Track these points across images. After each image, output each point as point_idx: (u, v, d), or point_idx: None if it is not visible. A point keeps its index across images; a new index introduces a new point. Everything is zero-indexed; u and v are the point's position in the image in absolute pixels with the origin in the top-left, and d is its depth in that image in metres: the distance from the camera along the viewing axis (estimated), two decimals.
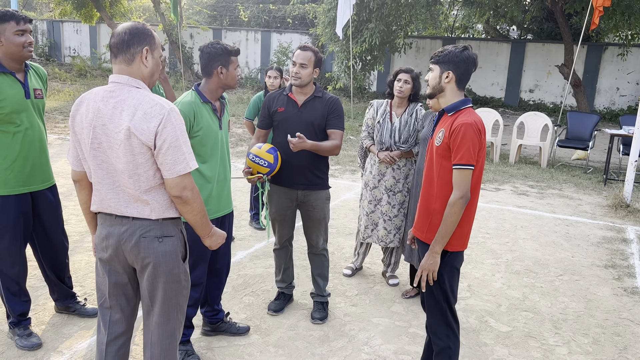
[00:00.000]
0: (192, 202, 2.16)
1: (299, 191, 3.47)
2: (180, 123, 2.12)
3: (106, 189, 2.16)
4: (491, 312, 3.90)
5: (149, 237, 2.17)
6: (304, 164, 3.41)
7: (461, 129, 2.40)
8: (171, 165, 2.08)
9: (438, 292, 2.60)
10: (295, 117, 3.41)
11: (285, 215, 3.56)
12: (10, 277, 3.09)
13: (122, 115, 2.06)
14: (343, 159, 8.91)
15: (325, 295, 3.74)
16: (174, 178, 2.10)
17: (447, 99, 2.54)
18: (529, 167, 8.99)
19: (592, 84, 16.43)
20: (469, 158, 2.40)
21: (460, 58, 2.50)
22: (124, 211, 2.15)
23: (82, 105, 2.15)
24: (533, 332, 3.63)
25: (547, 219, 6.28)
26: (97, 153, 2.13)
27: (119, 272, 2.25)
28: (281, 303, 3.77)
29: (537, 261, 4.93)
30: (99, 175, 2.16)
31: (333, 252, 4.91)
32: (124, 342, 2.34)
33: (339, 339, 3.40)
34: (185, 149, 2.11)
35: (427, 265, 2.50)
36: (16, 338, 3.09)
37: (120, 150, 2.08)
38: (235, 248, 4.87)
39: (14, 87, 2.93)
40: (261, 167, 3.28)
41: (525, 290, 4.30)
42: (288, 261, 3.74)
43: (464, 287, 4.28)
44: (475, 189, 2.52)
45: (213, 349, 3.20)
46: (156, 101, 2.09)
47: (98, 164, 2.14)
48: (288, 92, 3.48)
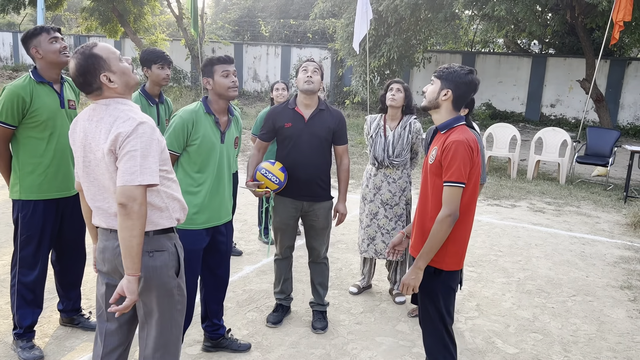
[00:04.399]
0: (135, 218, 2.02)
1: (305, 202, 3.56)
2: (147, 137, 2.09)
3: (97, 206, 2.21)
4: (499, 332, 3.81)
5: None
6: (310, 177, 3.52)
7: (452, 147, 2.40)
8: (122, 173, 2.04)
9: (434, 312, 2.55)
10: (304, 133, 3.48)
11: (289, 225, 3.65)
12: (28, 286, 3.14)
13: (101, 133, 2.12)
14: (357, 173, 8.88)
15: (325, 304, 3.80)
16: (123, 186, 2.03)
17: (441, 116, 2.54)
18: (547, 184, 8.84)
19: (616, 99, 16.14)
20: (459, 175, 2.38)
21: (463, 80, 2.49)
22: (115, 225, 2.17)
23: (77, 124, 2.23)
24: (541, 355, 3.53)
25: (563, 237, 6.14)
26: (88, 170, 2.18)
27: (115, 285, 2.26)
28: (280, 315, 3.78)
29: (549, 280, 4.82)
30: (91, 192, 2.21)
31: (341, 268, 4.87)
32: (119, 355, 2.35)
33: (341, 358, 3.36)
34: (141, 161, 2.04)
35: (408, 280, 2.49)
36: (19, 350, 3.12)
37: (103, 167, 2.13)
38: (243, 262, 4.87)
39: (50, 96, 3.08)
40: (272, 184, 3.40)
41: (536, 310, 4.20)
42: (288, 272, 3.78)
43: (472, 307, 4.20)
44: (470, 207, 2.49)
45: None
46: (129, 115, 2.11)
47: (90, 182, 2.20)
48: (294, 107, 3.53)
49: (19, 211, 3.08)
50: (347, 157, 3.68)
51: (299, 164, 3.47)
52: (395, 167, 4.08)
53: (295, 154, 3.48)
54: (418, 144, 4.13)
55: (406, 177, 4.13)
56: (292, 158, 3.48)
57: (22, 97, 2.96)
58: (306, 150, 3.48)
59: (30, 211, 3.07)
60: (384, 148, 4.04)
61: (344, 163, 3.68)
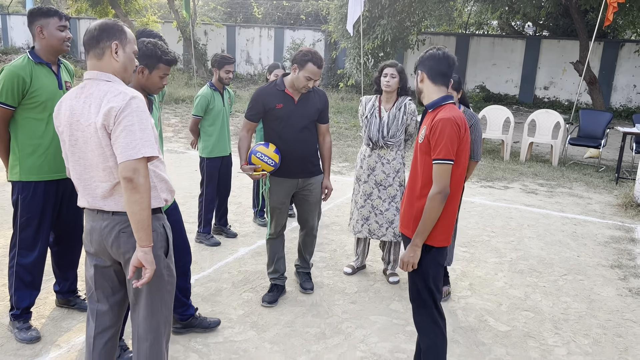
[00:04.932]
0: (142, 190, 2.06)
1: (299, 179, 3.72)
2: (141, 111, 2.11)
3: (83, 186, 2.21)
4: (491, 311, 3.87)
5: (128, 232, 2.19)
6: (303, 155, 3.69)
7: (439, 124, 2.44)
8: (123, 148, 2.05)
9: (424, 289, 2.60)
10: (294, 113, 3.61)
11: (284, 204, 3.78)
12: (26, 268, 3.15)
13: (91, 108, 2.11)
14: (352, 156, 8.89)
15: (310, 266, 4.12)
16: (125, 161, 2.04)
17: (428, 97, 2.60)
18: (540, 165, 8.89)
19: (609, 81, 16.18)
20: (446, 153, 2.43)
21: (426, 57, 2.61)
22: (102, 206, 2.18)
23: (62, 105, 2.22)
24: (532, 332, 3.59)
25: (555, 217, 6.20)
26: (74, 150, 2.17)
27: (106, 265, 2.28)
28: (275, 295, 3.84)
29: (541, 260, 4.88)
30: (77, 172, 2.20)
31: (335, 249, 4.91)
32: (111, 335, 2.37)
33: (335, 336, 3.40)
34: (140, 134, 2.07)
35: (407, 258, 2.55)
36: (15, 331, 3.14)
37: (92, 143, 2.12)
38: (238, 244, 4.90)
39: (49, 78, 3.07)
40: (267, 166, 3.51)
41: (528, 289, 4.26)
42: (281, 250, 3.91)
43: (464, 286, 4.26)
44: (458, 185, 2.54)
45: (209, 345, 3.22)
46: (120, 90, 2.12)
47: (76, 160, 2.19)
48: (283, 88, 3.62)
49: (19, 193, 3.07)
50: (329, 135, 3.88)
51: (292, 144, 3.61)
52: (389, 148, 4.09)
53: (287, 134, 3.60)
54: (413, 125, 4.13)
55: (400, 158, 4.14)
56: (285, 138, 3.61)
57: (22, 78, 2.94)
58: (297, 130, 3.61)
59: (30, 193, 3.06)
60: (379, 129, 4.05)
61: (327, 141, 3.84)
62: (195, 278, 4.14)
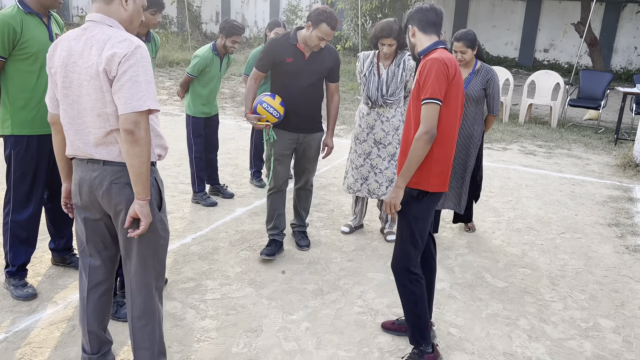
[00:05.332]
0: (143, 144, 2.02)
1: (300, 134, 3.74)
2: (146, 62, 2.06)
3: (74, 131, 2.13)
4: (488, 268, 3.87)
5: (120, 184, 2.14)
6: (307, 111, 3.70)
7: (427, 64, 2.44)
8: (127, 99, 1.99)
9: (408, 234, 2.61)
10: (304, 69, 3.60)
11: (284, 156, 3.79)
12: (21, 225, 3.10)
13: (92, 50, 2.03)
14: (349, 119, 8.80)
15: (306, 225, 4.17)
16: (128, 113, 1.99)
17: (420, 47, 2.62)
18: (539, 127, 8.82)
19: (610, 42, 15.96)
20: (433, 92, 2.40)
21: (413, 12, 2.64)
22: (93, 153, 2.11)
23: (58, 46, 2.12)
24: (529, 288, 3.60)
25: (553, 178, 6.18)
26: (68, 92, 2.09)
27: (95, 219, 2.23)
28: (273, 249, 3.85)
29: (539, 219, 4.87)
30: (69, 116, 2.12)
31: (332, 209, 4.89)
32: (105, 290, 2.34)
33: (333, 292, 3.40)
34: (145, 86, 2.02)
35: (389, 199, 2.55)
36: (11, 288, 3.12)
37: (90, 88, 2.04)
38: (235, 204, 4.87)
39: (39, 29, 2.96)
40: (272, 117, 3.55)
41: (525, 247, 4.26)
42: (282, 207, 3.89)
43: (462, 244, 4.25)
44: (450, 128, 2.52)
45: (206, 301, 3.22)
46: (125, 37, 2.05)
47: (69, 104, 2.10)
48: (295, 43, 3.59)
49: (12, 147, 3.00)
50: (338, 94, 3.86)
51: (298, 99, 3.61)
52: (388, 105, 4.01)
53: (293, 89, 3.60)
54: (412, 81, 4.04)
55: (400, 115, 4.06)
56: (291, 93, 3.61)
57: (12, 27, 2.83)
58: (304, 86, 3.61)
59: (23, 147, 2.99)
60: (378, 87, 3.96)
61: (335, 100, 3.85)
62: (192, 237, 4.12)
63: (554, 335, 3.06)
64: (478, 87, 3.98)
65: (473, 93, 3.98)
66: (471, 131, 4.07)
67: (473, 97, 3.99)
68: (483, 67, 4.03)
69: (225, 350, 2.76)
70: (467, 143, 4.08)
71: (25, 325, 2.87)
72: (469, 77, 4.00)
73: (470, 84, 3.99)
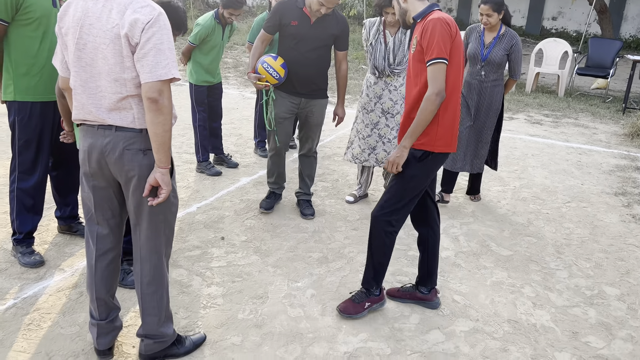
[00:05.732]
0: (166, 112, 2.03)
1: (302, 99, 3.74)
2: (168, 29, 2.03)
3: (87, 94, 2.08)
4: (493, 236, 3.87)
5: (132, 150, 2.11)
6: (309, 77, 3.68)
7: (429, 25, 2.42)
8: (152, 67, 1.97)
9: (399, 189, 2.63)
10: (308, 34, 3.58)
11: (284, 119, 3.81)
12: (27, 192, 3.10)
13: (112, 13, 1.98)
14: (353, 88, 8.71)
15: (311, 194, 4.16)
16: (153, 81, 1.98)
17: (414, 11, 2.58)
18: (546, 96, 8.72)
19: (619, 10, 15.64)
20: (439, 52, 2.39)
21: None
22: (106, 118, 2.08)
23: (71, 5, 2.06)
24: (534, 257, 3.60)
25: (560, 147, 6.13)
26: (81, 54, 2.04)
27: (104, 187, 2.21)
28: (272, 201, 4.09)
29: (545, 188, 4.85)
30: (82, 78, 2.07)
31: (337, 179, 4.87)
32: (113, 258, 2.34)
33: (338, 260, 3.41)
34: (169, 54, 2.01)
35: (393, 158, 2.57)
36: (19, 255, 3.14)
37: (108, 51, 1.99)
38: (239, 174, 4.86)
39: None
40: (272, 78, 3.57)
41: (531, 216, 4.25)
42: (282, 166, 4.04)
43: (467, 213, 4.24)
44: (454, 89, 2.52)
45: (212, 269, 3.24)
46: (147, 2, 2.01)
47: (82, 66, 2.05)
48: (302, 6, 3.57)
49: (16, 114, 2.97)
50: (346, 62, 3.83)
51: (300, 63, 3.61)
52: (396, 74, 3.94)
53: (296, 53, 3.60)
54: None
55: None
56: (294, 56, 3.61)
57: None
58: (307, 51, 3.59)
59: (27, 114, 2.96)
60: (384, 56, 3.87)
61: (343, 68, 3.83)
62: (197, 206, 4.12)
63: (559, 303, 3.07)
64: (501, 52, 4.00)
65: (496, 58, 4.00)
66: (491, 95, 4.11)
67: (495, 62, 4.01)
68: (508, 32, 4.03)
69: (232, 316, 2.78)
70: (487, 106, 4.12)
71: (33, 292, 2.89)
72: (492, 41, 4.02)
73: (494, 48, 4.00)
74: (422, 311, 2.92)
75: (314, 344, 2.60)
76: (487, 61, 4.04)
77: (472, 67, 4.15)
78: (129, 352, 2.47)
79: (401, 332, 2.74)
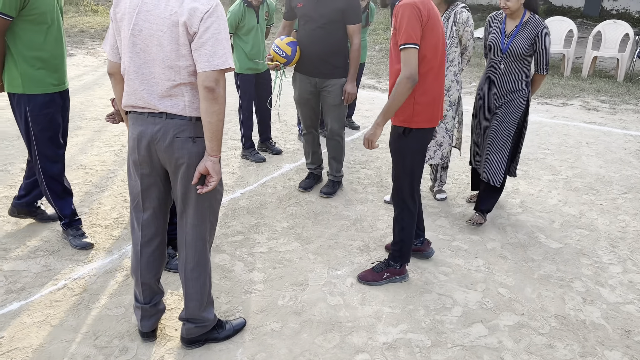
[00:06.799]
0: (221, 101, 2.06)
1: (317, 79, 3.79)
2: (225, 19, 2.05)
3: (140, 80, 2.10)
4: (543, 228, 3.73)
5: (183, 137, 2.14)
6: (320, 56, 3.70)
7: (400, 10, 2.47)
8: (210, 57, 1.99)
9: (401, 170, 2.82)
10: (314, 13, 3.63)
11: (307, 100, 3.90)
12: (55, 179, 3.19)
13: (170, 1, 2.00)
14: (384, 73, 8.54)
15: (338, 175, 4.16)
16: (210, 70, 2.00)
17: None
18: (604, 82, 8.31)
19: None
20: (408, 37, 2.45)
21: None
22: (157, 105, 2.10)
23: None
24: (586, 250, 3.45)
25: (617, 135, 5.83)
26: (136, 40, 2.06)
27: (152, 174, 2.25)
28: (310, 182, 4.21)
29: (599, 178, 4.63)
30: (135, 64, 2.09)
31: (381, 166, 4.81)
32: (159, 243, 2.39)
33: (379, 250, 3.38)
34: (226, 44, 2.03)
35: (367, 135, 2.72)
36: (70, 238, 3.27)
37: (165, 39, 2.01)
38: (283, 160, 4.87)
39: None
40: (280, 57, 3.69)
41: (583, 207, 4.07)
42: (315, 146, 4.14)
43: (515, 204, 4.11)
44: (431, 69, 2.61)
45: (254, 254, 3.27)
46: None
47: (136, 52, 2.07)
48: None
49: (27, 106, 3.02)
50: (357, 37, 3.73)
51: (309, 42, 3.69)
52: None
53: (305, 33, 3.70)
54: (467, 37, 3.70)
55: (452, 75, 3.73)
56: (304, 36, 3.71)
57: None
58: (316, 29, 3.65)
59: (37, 105, 3.02)
60: None
61: (354, 43, 3.74)
62: (240, 192, 4.17)
63: (611, 299, 2.94)
64: (524, 42, 3.43)
65: (518, 48, 3.44)
66: (513, 90, 3.53)
67: (517, 53, 3.45)
68: (532, 19, 3.44)
69: (272, 302, 2.80)
70: (507, 103, 3.53)
71: (83, 273, 3.00)
72: (515, 29, 3.46)
73: (516, 37, 3.45)
74: (465, 303, 2.85)
75: (353, 333, 2.59)
76: (509, 52, 3.46)
77: (493, 59, 3.59)
78: (172, 334, 2.53)
79: (442, 324, 2.69)
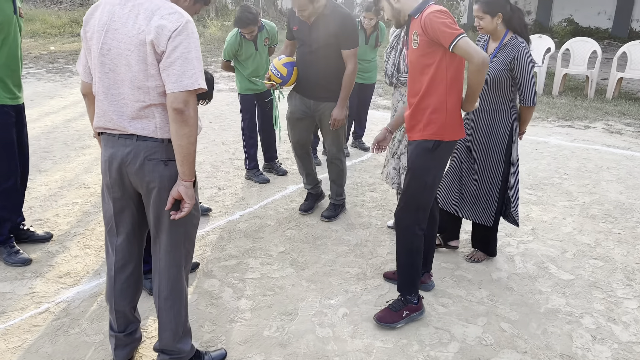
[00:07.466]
0: (192, 123, 1.95)
1: (312, 101, 3.74)
2: (196, 37, 1.95)
3: (110, 101, 2.03)
4: (554, 258, 3.52)
5: (154, 160, 2.04)
6: (313, 79, 3.66)
7: (430, 17, 2.41)
8: (178, 77, 1.90)
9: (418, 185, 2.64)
10: (307, 36, 3.60)
11: (298, 119, 3.83)
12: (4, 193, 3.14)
13: (138, 19, 1.92)
14: None
15: (339, 199, 4.06)
16: (179, 92, 1.90)
17: (410, 8, 2.55)
18: (629, 104, 8.02)
19: None
20: (453, 31, 2.38)
21: None
22: (127, 127, 2.01)
23: (98, 9, 2.02)
24: (599, 282, 3.23)
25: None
26: (105, 60, 1.98)
27: (124, 198, 2.16)
28: (310, 203, 4.12)
29: (619, 205, 4.39)
30: (104, 84, 2.02)
31: (387, 189, 4.66)
32: (133, 269, 2.29)
33: (377, 278, 3.22)
34: (197, 64, 1.93)
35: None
36: (4, 256, 3.22)
37: (133, 58, 1.93)
38: (287, 182, 4.77)
39: (6, 2, 2.97)
40: (276, 78, 3.69)
41: (599, 236, 3.84)
42: (308, 167, 4.03)
43: (526, 231, 3.90)
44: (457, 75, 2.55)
45: (245, 280, 3.14)
46: (175, 9, 1.94)
47: (105, 72, 2.00)
48: None
49: None
50: (352, 62, 3.61)
51: (304, 65, 3.68)
52: (404, 85, 3.38)
53: (300, 56, 3.70)
54: None
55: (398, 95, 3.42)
56: (300, 59, 3.72)
57: None
58: (310, 53, 3.61)
59: None
60: (394, 61, 3.38)
61: (348, 68, 3.62)
62: (240, 214, 4.07)
63: (623, 338, 2.71)
64: (498, 67, 3.02)
65: (491, 72, 3.03)
66: (491, 124, 3.14)
67: (490, 78, 3.04)
68: (511, 41, 3.02)
69: (257, 332, 2.67)
70: (487, 139, 3.16)
71: (67, 297, 2.92)
72: (494, 52, 3.08)
73: (493, 61, 3.06)
74: (463, 339, 2.67)
75: None
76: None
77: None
78: None
79: None
